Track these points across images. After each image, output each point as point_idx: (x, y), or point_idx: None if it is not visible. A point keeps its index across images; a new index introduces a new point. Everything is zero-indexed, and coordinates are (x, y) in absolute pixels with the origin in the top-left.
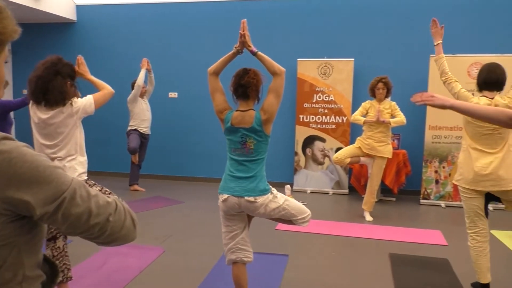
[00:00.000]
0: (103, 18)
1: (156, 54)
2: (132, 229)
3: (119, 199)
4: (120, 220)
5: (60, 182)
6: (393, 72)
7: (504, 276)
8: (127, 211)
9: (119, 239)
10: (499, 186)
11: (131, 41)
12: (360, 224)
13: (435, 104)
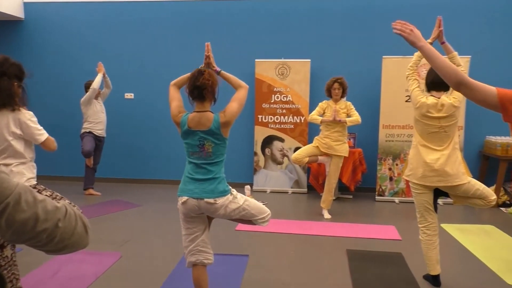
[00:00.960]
0: (52, 16)
1: (110, 53)
2: (83, 235)
3: (70, 204)
4: (70, 225)
5: (3, 187)
6: (348, 73)
7: (453, 267)
8: (78, 216)
9: (70, 246)
10: (445, 182)
11: (82, 40)
12: (318, 222)
13: (408, 39)
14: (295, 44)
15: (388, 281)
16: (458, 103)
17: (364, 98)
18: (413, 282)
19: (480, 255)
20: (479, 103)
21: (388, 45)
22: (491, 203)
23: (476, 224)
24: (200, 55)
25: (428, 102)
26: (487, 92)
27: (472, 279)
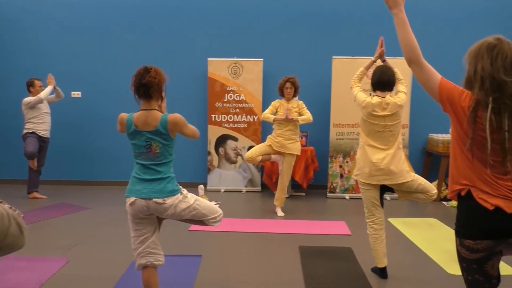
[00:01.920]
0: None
1: (56, 50)
2: (18, 236)
3: (3, 206)
4: (3, 227)
5: None
6: (300, 72)
7: (399, 259)
8: (12, 217)
9: (5, 247)
10: (391, 180)
11: (26, 37)
12: (272, 220)
13: (387, 3)
14: (248, 43)
15: (338, 275)
16: (402, 102)
17: (316, 97)
18: (362, 275)
19: (424, 247)
20: (422, 83)
21: (337, 46)
22: (433, 197)
23: (420, 218)
24: (151, 53)
25: (373, 102)
26: (433, 76)
27: (417, 270)
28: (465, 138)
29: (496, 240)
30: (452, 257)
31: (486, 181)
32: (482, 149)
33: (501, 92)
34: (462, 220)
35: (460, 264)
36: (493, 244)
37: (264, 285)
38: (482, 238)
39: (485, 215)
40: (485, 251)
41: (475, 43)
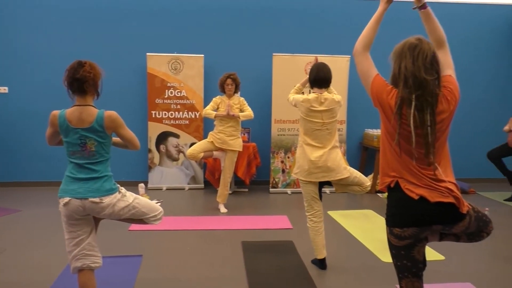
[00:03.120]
0: None
1: None
2: None
3: None
4: None
5: None
6: (241, 69)
7: (338, 250)
8: None
9: None
10: (329, 177)
11: None
12: (215, 217)
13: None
14: (188, 39)
15: (280, 268)
16: (339, 98)
17: (257, 93)
18: (302, 267)
19: (360, 237)
20: (361, 74)
21: (278, 43)
22: (367, 189)
23: (357, 210)
24: (86, 47)
25: (310, 97)
26: (371, 70)
27: (354, 260)
28: (393, 133)
29: (421, 227)
30: (386, 246)
31: (412, 172)
32: (408, 142)
33: (423, 90)
34: (391, 210)
35: (390, 251)
36: (418, 231)
37: (206, 282)
38: (409, 226)
39: (411, 204)
40: (411, 238)
41: (399, 42)
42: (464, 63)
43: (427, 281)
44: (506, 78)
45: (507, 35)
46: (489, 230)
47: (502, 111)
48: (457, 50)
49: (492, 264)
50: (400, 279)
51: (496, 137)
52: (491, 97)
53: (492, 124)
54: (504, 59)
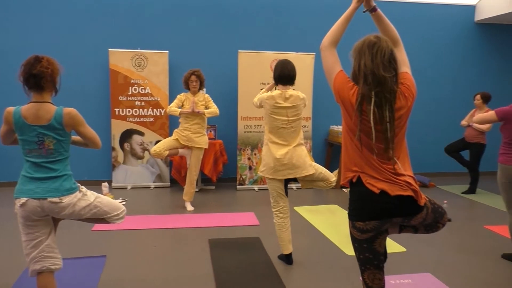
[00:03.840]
0: None
1: None
2: None
3: None
4: None
5: None
6: (207, 65)
7: (304, 244)
8: None
9: None
10: (294, 174)
11: None
12: (181, 215)
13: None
14: (152, 34)
15: (247, 264)
16: (303, 95)
17: (223, 90)
18: (269, 263)
19: (326, 232)
20: (327, 69)
21: (243, 39)
22: (332, 184)
23: (323, 205)
24: (44, 42)
25: (274, 94)
26: (336, 66)
27: (319, 254)
28: (354, 128)
29: (382, 220)
30: (350, 240)
31: (373, 167)
32: (369, 138)
33: (381, 87)
34: (353, 204)
35: (353, 244)
36: (380, 224)
37: (173, 281)
38: (371, 219)
39: (372, 198)
40: (373, 231)
41: (359, 40)
42: (423, 61)
43: (390, 272)
44: (463, 75)
45: (466, 34)
46: (444, 221)
47: (459, 107)
48: (417, 48)
49: (450, 254)
50: (362, 271)
51: (454, 132)
52: (449, 93)
53: (450, 120)
54: (463, 58)
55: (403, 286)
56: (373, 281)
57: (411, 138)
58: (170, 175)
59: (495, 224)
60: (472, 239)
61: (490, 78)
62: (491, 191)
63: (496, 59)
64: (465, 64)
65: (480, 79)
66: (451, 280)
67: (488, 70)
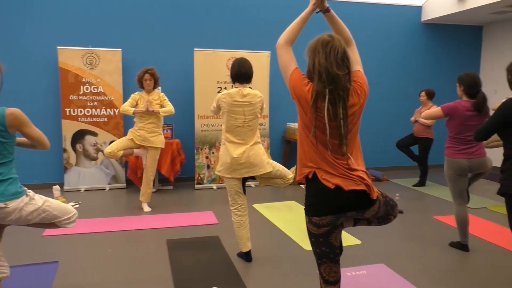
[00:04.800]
0: None
1: None
2: None
3: None
4: None
5: None
6: (161, 63)
7: (263, 241)
8: None
9: None
10: (252, 172)
11: None
12: (138, 216)
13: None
14: (104, 32)
15: (206, 264)
16: (261, 96)
17: (179, 89)
18: (228, 261)
19: (284, 228)
20: (282, 67)
21: (199, 38)
22: (289, 181)
23: (281, 202)
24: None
25: (231, 92)
26: (292, 63)
27: (278, 250)
28: (309, 125)
29: (337, 215)
30: (307, 235)
31: (328, 162)
32: (323, 134)
33: (335, 84)
34: (309, 200)
35: (310, 239)
36: (335, 219)
37: (129, 284)
38: (326, 214)
39: (327, 194)
40: (329, 225)
41: (313, 38)
42: (375, 60)
43: (346, 264)
44: (412, 73)
45: (413, 34)
46: (396, 213)
47: (407, 103)
48: (367, 47)
49: (403, 244)
50: (319, 265)
51: (404, 128)
52: (399, 91)
53: (399, 116)
54: (410, 56)
55: (359, 277)
56: (329, 274)
57: (364, 134)
58: (126, 176)
59: (443, 215)
60: (422, 229)
61: (435, 76)
62: (439, 183)
63: (441, 58)
64: (412, 62)
65: (426, 76)
66: (403, 269)
67: (433, 68)
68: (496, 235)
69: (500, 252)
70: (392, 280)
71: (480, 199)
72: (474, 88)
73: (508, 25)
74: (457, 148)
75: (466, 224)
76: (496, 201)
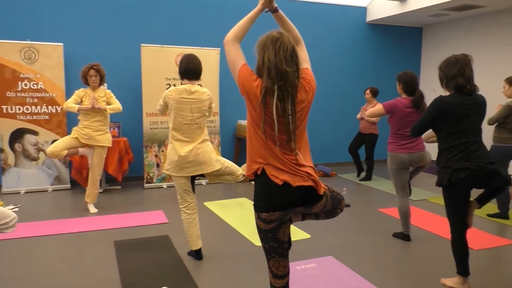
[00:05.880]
0: None
1: None
2: None
3: None
4: None
5: None
6: (107, 59)
7: (214, 238)
8: None
9: None
10: (201, 170)
11: None
12: (84, 218)
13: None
14: (44, 25)
15: (155, 264)
16: (210, 94)
17: (126, 86)
18: (179, 260)
19: (235, 225)
20: (231, 63)
21: (146, 33)
22: (239, 177)
23: (232, 199)
24: None
25: (179, 88)
26: (240, 60)
27: (229, 247)
28: (258, 121)
29: (286, 210)
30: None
31: (277, 158)
32: (272, 130)
33: (284, 81)
34: (258, 196)
35: (259, 235)
36: (283, 214)
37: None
38: (275, 210)
39: (276, 190)
40: (277, 221)
41: (263, 35)
42: (322, 57)
43: (295, 259)
44: (358, 71)
45: (358, 34)
46: (342, 206)
47: (354, 101)
48: (316, 46)
49: (350, 237)
50: (268, 260)
51: (351, 124)
52: (346, 88)
53: (346, 113)
54: (355, 55)
55: (308, 270)
56: (278, 268)
57: (313, 130)
58: (70, 176)
59: (387, 207)
60: (368, 221)
61: (380, 74)
62: (385, 177)
63: (385, 57)
64: (358, 61)
65: (371, 74)
66: (350, 260)
67: (378, 66)
68: (436, 225)
69: (439, 241)
70: (340, 271)
71: (421, 192)
72: (412, 86)
73: (446, 27)
74: (398, 143)
75: (408, 215)
76: (436, 193)
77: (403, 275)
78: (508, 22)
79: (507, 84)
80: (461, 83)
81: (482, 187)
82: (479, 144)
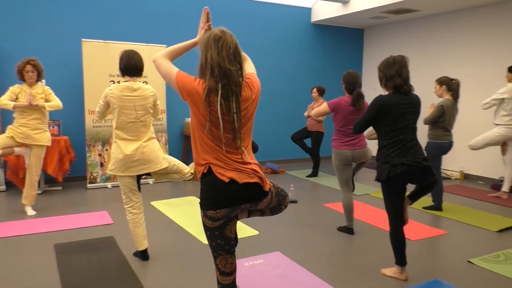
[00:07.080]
0: None
1: None
2: None
3: None
4: None
5: None
6: (45, 54)
7: (161, 238)
8: None
9: None
10: (148, 169)
11: None
12: (21, 221)
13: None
14: None
15: (99, 266)
16: (154, 91)
17: (67, 82)
18: (124, 262)
19: (183, 224)
20: (163, 74)
21: (87, 28)
22: (186, 176)
23: (181, 197)
24: None
25: (120, 85)
26: (172, 68)
27: (176, 246)
28: (204, 121)
29: (232, 207)
30: None
31: (223, 156)
32: (218, 129)
33: (227, 79)
34: (204, 194)
35: (205, 233)
36: (230, 211)
37: None
38: (221, 207)
39: (222, 187)
40: (223, 218)
41: (205, 34)
42: (270, 57)
43: (244, 255)
44: (305, 70)
45: (304, 34)
46: (287, 202)
47: (300, 99)
48: (263, 45)
49: (297, 232)
50: (215, 258)
51: (299, 122)
52: (294, 87)
53: (293, 111)
54: (301, 55)
55: (256, 266)
56: (225, 265)
57: (262, 128)
58: (5, 177)
59: (332, 202)
60: (314, 217)
61: (326, 73)
62: (330, 174)
63: (330, 57)
64: (305, 60)
65: (317, 74)
66: (297, 254)
67: (324, 66)
68: (377, 218)
69: (379, 233)
70: (287, 266)
71: (364, 187)
72: (352, 86)
73: (385, 29)
74: (342, 140)
75: (351, 210)
76: (378, 187)
77: (347, 266)
78: (441, 25)
79: (438, 85)
80: (399, 83)
81: (416, 182)
82: (415, 141)
